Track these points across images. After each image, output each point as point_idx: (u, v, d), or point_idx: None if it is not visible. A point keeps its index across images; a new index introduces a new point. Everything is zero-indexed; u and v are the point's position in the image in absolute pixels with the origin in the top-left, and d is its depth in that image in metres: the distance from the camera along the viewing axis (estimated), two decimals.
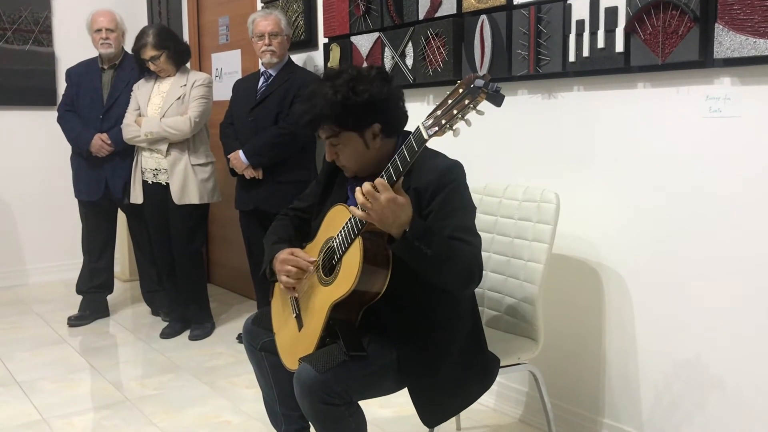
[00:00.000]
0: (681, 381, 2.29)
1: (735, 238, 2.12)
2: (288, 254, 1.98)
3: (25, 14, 5.04)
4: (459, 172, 1.90)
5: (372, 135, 1.90)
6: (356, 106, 1.84)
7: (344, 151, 1.92)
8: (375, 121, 1.88)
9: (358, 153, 1.92)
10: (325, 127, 1.88)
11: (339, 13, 3.47)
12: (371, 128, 1.89)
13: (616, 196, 2.42)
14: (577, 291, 2.58)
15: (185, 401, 3.04)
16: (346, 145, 1.91)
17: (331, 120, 1.86)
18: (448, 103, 1.58)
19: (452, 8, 2.86)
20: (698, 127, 2.18)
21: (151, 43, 3.69)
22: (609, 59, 2.33)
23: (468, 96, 1.55)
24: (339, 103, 1.83)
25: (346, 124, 1.87)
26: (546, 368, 2.57)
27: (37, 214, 5.21)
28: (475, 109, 1.56)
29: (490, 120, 2.79)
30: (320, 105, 1.85)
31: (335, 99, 1.83)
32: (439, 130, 1.59)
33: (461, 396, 1.96)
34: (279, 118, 3.50)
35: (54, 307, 4.52)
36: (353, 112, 1.85)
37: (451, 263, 1.76)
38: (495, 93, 1.55)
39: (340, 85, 1.84)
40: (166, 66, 3.75)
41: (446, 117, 1.58)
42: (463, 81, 1.58)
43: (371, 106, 1.86)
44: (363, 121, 1.88)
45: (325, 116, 1.85)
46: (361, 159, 1.93)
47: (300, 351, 1.92)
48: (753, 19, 1.97)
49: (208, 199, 3.82)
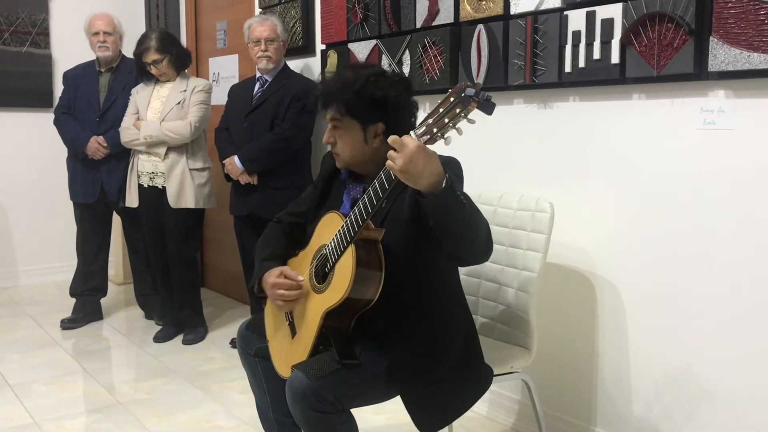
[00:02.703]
0: (673, 390, 2.30)
1: (728, 249, 2.13)
2: (277, 277, 1.97)
3: (22, 16, 5.04)
4: (458, 166, 1.90)
5: (374, 133, 1.92)
6: (369, 98, 1.87)
7: (343, 138, 1.93)
8: (381, 120, 1.91)
9: (354, 144, 1.92)
10: (333, 107, 1.90)
11: (337, 19, 3.48)
12: (375, 126, 1.91)
13: (610, 206, 2.44)
14: (570, 300, 2.59)
15: (178, 405, 3.04)
16: (346, 131, 1.92)
17: (341, 102, 1.88)
18: (440, 111, 1.58)
19: (449, 17, 2.87)
20: (692, 139, 2.19)
21: (154, 47, 3.70)
22: (604, 70, 2.34)
23: (459, 105, 1.55)
24: (355, 90, 1.87)
25: (353, 111, 1.89)
26: (539, 376, 2.58)
27: (32, 216, 5.20)
28: (466, 118, 1.56)
29: (485, 128, 2.80)
30: (337, 85, 1.88)
31: (353, 85, 1.87)
32: (430, 138, 1.59)
33: (457, 402, 1.96)
34: (274, 124, 3.51)
35: (47, 309, 4.51)
36: (364, 104, 1.88)
37: (480, 219, 1.74)
38: (486, 102, 1.54)
39: (363, 75, 1.89)
40: (167, 70, 3.76)
41: (437, 126, 1.58)
42: (454, 89, 1.57)
43: (383, 105, 1.89)
44: (370, 116, 1.90)
45: (337, 97, 1.88)
46: (356, 152, 1.93)
47: (293, 358, 1.92)
48: (747, 34, 1.98)
49: (204, 205, 3.82)
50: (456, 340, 1.96)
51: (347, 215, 1.82)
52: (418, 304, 1.90)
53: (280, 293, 1.95)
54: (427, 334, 1.91)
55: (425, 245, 1.83)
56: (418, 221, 1.78)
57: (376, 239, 1.81)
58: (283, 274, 1.97)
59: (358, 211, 1.76)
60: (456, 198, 1.65)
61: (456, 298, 2.03)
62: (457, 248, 1.75)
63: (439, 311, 1.94)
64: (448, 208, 1.65)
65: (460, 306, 2.03)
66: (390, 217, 1.88)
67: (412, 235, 1.83)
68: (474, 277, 2.44)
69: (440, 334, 1.93)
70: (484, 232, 1.76)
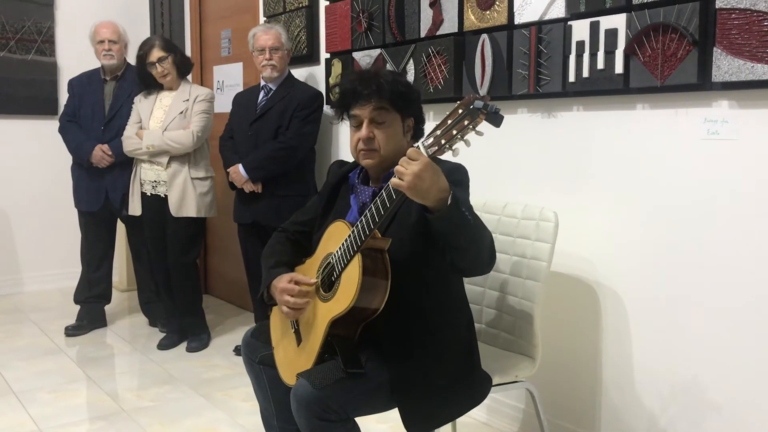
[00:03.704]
0: (677, 399, 2.30)
1: (732, 259, 2.14)
2: (288, 282, 1.96)
3: (28, 24, 5.07)
4: (464, 173, 1.94)
5: (408, 126, 2.00)
6: (412, 95, 2.00)
7: (386, 131, 1.95)
8: (413, 115, 2.01)
9: (397, 138, 1.97)
10: (381, 100, 1.93)
11: (341, 29, 3.50)
12: (409, 119, 2.00)
13: (614, 215, 2.44)
14: (574, 309, 2.59)
15: (181, 413, 3.04)
16: (390, 124, 1.95)
17: (393, 94, 1.94)
18: (448, 123, 1.59)
19: (453, 27, 2.89)
20: (696, 149, 2.20)
21: (159, 45, 3.74)
22: (608, 80, 2.35)
23: (467, 117, 1.56)
24: (402, 83, 1.97)
25: (398, 103, 1.95)
26: (542, 385, 2.58)
27: (36, 223, 5.22)
28: (474, 130, 1.57)
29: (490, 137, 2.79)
30: (387, 80, 1.94)
31: (399, 80, 1.97)
32: (438, 149, 1.61)
33: (450, 408, 1.95)
34: (278, 133, 3.52)
35: (51, 316, 4.52)
36: (407, 97, 1.98)
37: (484, 233, 1.77)
38: (494, 114, 1.55)
39: (399, 76, 2.01)
40: (171, 70, 3.77)
41: (446, 137, 1.59)
42: (462, 102, 1.59)
43: (417, 102, 2.03)
44: (408, 108, 1.99)
45: (390, 89, 1.93)
46: (397, 145, 1.96)
47: (298, 366, 1.92)
48: (751, 44, 1.99)
49: (205, 214, 3.83)
50: (458, 347, 1.97)
51: (354, 224, 1.83)
52: (424, 311, 1.91)
53: (286, 299, 1.95)
54: (431, 342, 1.92)
55: (431, 250, 1.84)
56: (425, 225, 1.79)
57: (382, 248, 1.81)
58: (294, 279, 1.97)
59: (365, 220, 1.77)
60: (461, 215, 1.67)
61: (460, 304, 2.04)
62: (461, 261, 1.78)
63: (444, 319, 1.95)
64: (453, 224, 1.68)
65: (463, 313, 2.04)
66: (396, 221, 1.89)
67: (418, 239, 1.84)
68: (478, 286, 2.44)
69: (444, 342, 1.93)
70: (487, 245, 1.78)
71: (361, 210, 1.99)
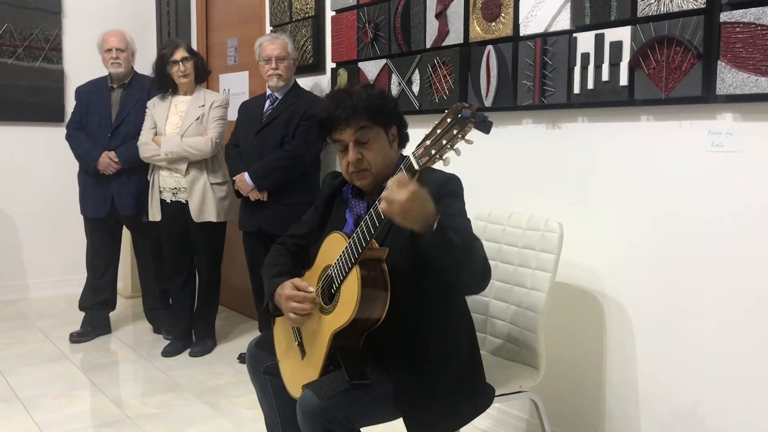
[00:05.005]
0: (681, 410, 2.30)
1: (736, 271, 2.14)
2: (291, 288, 1.98)
3: (36, 32, 5.11)
4: (458, 183, 1.94)
5: (392, 135, 2.01)
6: (389, 105, 2.00)
7: (373, 147, 1.95)
8: (395, 124, 2.01)
9: (385, 150, 1.98)
10: (359, 120, 1.93)
11: (347, 38, 3.52)
12: (392, 128, 2.01)
13: (619, 227, 2.45)
14: (579, 320, 2.60)
15: (186, 420, 3.05)
16: (375, 140, 1.96)
17: (370, 111, 1.94)
18: (437, 132, 1.59)
19: (459, 38, 2.91)
20: (700, 161, 2.21)
21: (184, 46, 3.82)
22: (613, 92, 2.37)
23: (456, 126, 1.56)
24: (376, 96, 1.97)
25: (378, 118, 1.96)
26: (547, 396, 2.58)
27: (42, 229, 5.24)
28: (463, 139, 1.57)
29: (494, 148, 2.83)
30: (361, 98, 1.94)
31: (372, 93, 1.97)
32: (429, 160, 1.60)
33: (451, 417, 1.96)
34: (284, 141, 3.54)
35: (56, 323, 4.54)
36: (384, 109, 1.98)
37: (474, 254, 1.76)
38: (483, 122, 1.55)
39: (371, 89, 2.00)
40: (192, 72, 3.81)
41: (436, 147, 1.59)
42: (450, 111, 1.58)
43: (396, 109, 2.03)
44: (389, 119, 2.00)
45: (365, 107, 1.93)
46: (387, 158, 1.98)
47: (303, 379, 1.93)
48: (755, 58, 2.00)
49: (225, 218, 3.87)
50: (460, 355, 1.98)
51: (350, 235, 1.83)
52: (423, 319, 1.92)
53: (293, 306, 1.96)
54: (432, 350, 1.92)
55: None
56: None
57: (380, 258, 1.82)
58: (295, 285, 1.98)
59: (361, 231, 1.77)
60: (446, 239, 1.67)
61: (460, 312, 2.04)
62: (451, 280, 1.80)
63: (444, 327, 1.95)
64: (439, 248, 1.68)
65: (464, 320, 2.05)
66: (393, 231, 1.88)
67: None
68: (483, 296, 2.45)
69: (445, 351, 1.94)
70: (478, 267, 1.78)
71: (356, 222, 2.00)
